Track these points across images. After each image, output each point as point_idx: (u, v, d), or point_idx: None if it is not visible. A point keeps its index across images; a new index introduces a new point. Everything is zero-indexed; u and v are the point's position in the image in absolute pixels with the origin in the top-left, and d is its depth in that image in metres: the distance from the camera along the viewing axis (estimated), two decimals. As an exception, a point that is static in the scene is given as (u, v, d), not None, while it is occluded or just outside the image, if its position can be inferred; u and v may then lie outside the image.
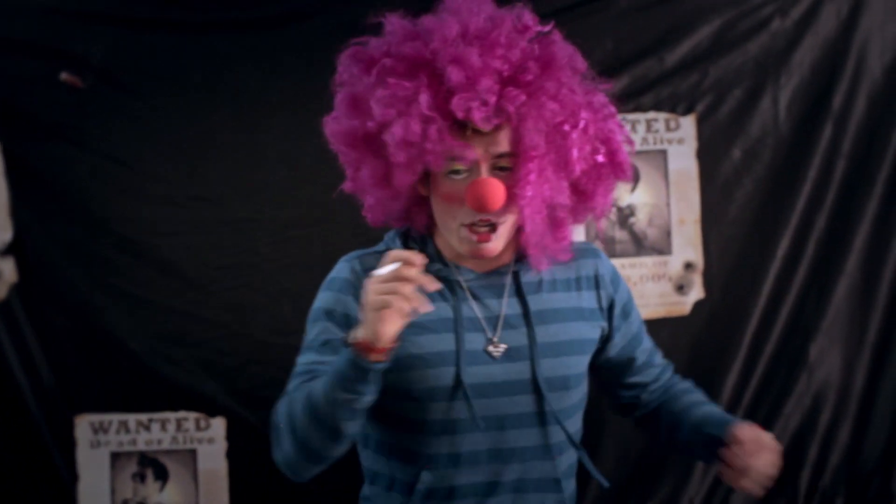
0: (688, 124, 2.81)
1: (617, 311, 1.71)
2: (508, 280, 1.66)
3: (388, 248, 1.70)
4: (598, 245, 2.75)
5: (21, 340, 2.78)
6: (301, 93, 2.74)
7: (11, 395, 2.77)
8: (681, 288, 2.82)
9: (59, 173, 2.79)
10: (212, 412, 2.80)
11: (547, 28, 1.62)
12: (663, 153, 2.81)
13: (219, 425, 2.79)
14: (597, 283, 1.69)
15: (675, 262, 2.81)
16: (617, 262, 2.79)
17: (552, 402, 1.61)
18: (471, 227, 1.57)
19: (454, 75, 1.51)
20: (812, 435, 2.83)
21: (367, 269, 1.63)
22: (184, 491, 2.78)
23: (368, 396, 1.51)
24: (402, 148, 1.53)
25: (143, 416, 2.78)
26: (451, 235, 1.60)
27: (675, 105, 2.82)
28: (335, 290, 1.68)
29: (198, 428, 2.79)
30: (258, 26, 2.81)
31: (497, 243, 1.58)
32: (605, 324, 1.70)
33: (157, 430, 2.78)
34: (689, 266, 2.82)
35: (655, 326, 2.78)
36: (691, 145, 2.81)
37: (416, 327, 1.60)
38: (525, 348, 1.61)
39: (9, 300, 2.78)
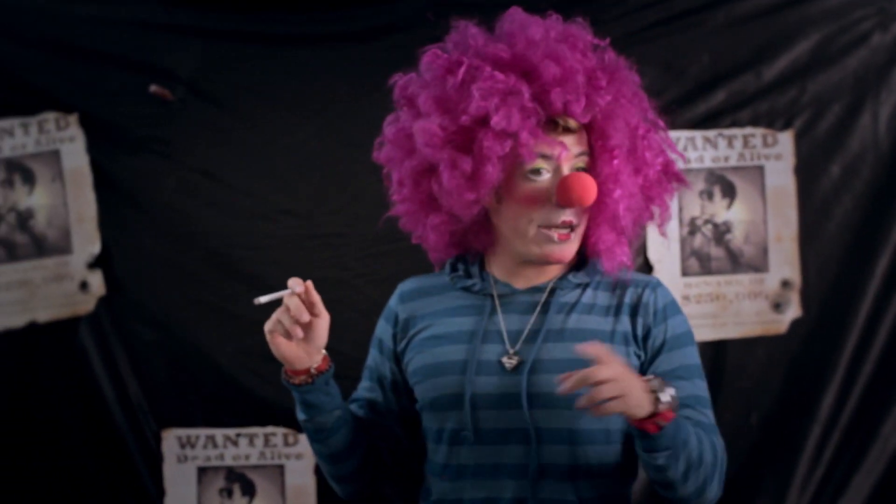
0: (785, 140, 2.76)
1: (652, 343, 1.64)
2: (543, 296, 1.66)
3: (441, 273, 1.77)
4: (694, 263, 2.76)
5: (109, 354, 2.78)
6: (389, 107, 2.71)
7: (99, 408, 2.77)
8: (778, 306, 2.76)
9: (147, 186, 2.78)
10: (300, 428, 2.74)
11: (605, 42, 1.69)
12: (760, 169, 2.76)
13: (305, 441, 2.75)
14: (635, 309, 1.65)
15: (771, 280, 2.76)
16: (713, 280, 2.76)
17: (539, 419, 1.57)
18: (549, 227, 1.57)
19: (550, 70, 1.54)
20: (912, 458, 2.78)
21: (403, 292, 1.78)
22: (271, 506, 2.76)
23: (319, 417, 1.65)
24: (501, 140, 1.54)
25: (231, 431, 2.76)
26: (524, 242, 1.60)
27: (773, 121, 2.76)
28: (384, 316, 1.80)
29: (286, 443, 2.76)
30: (346, 40, 2.78)
31: (573, 246, 1.60)
32: (640, 352, 1.64)
33: (244, 446, 2.75)
34: (786, 284, 2.76)
35: (751, 345, 2.77)
36: (789, 161, 2.76)
37: (438, 339, 1.67)
38: (534, 362, 1.59)
39: (97, 313, 2.78)
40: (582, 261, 1.69)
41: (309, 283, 1.57)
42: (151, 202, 2.77)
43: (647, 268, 2.75)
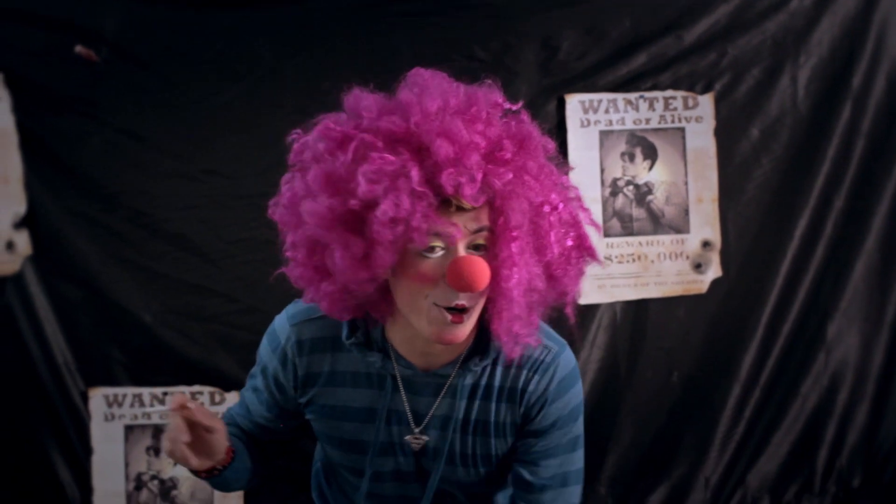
0: (706, 103, 2.79)
1: (529, 428, 1.65)
2: (448, 381, 1.62)
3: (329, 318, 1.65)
4: (616, 224, 2.79)
5: (35, 313, 2.77)
6: (313, 69, 2.73)
7: (26, 368, 2.76)
8: (698, 266, 2.80)
9: (73, 147, 2.77)
10: (226, 386, 2.78)
11: (517, 106, 1.55)
12: (681, 131, 2.80)
13: (233, 399, 2.77)
14: (522, 397, 1.63)
15: (692, 241, 2.80)
16: (634, 240, 2.80)
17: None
18: (445, 308, 1.50)
19: (443, 150, 1.44)
20: (829, 415, 2.83)
21: (300, 341, 1.66)
22: (197, 466, 2.77)
23: (227, 487, 1.68)
24: (390, 226, 1.44)
25: (158, 390, 2.77)
26: (419, 318, 1.52)
27: (694, 83, 2.80)
28: (272, 348, 1.70)
29: (212, 402, 2.78)
30: (272, 2, 2.79)
31: (466, 328, 1.52)
32: (512, 439, 1.67)
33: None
34: (706, 244, 2.80)
35: (672, 304, 2.82)
36: (709, 124, 2.80)
37: (339, 411, 1.66)
38: (441, 452, 1.64)
39: (23, 273, 2.77)
40: (482, 337, 1.63)
41: (191, 402, 1.49)
42: (77, 163, 2.77)
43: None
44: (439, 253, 1.47)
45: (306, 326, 1.67)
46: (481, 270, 1.45)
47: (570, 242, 1.55)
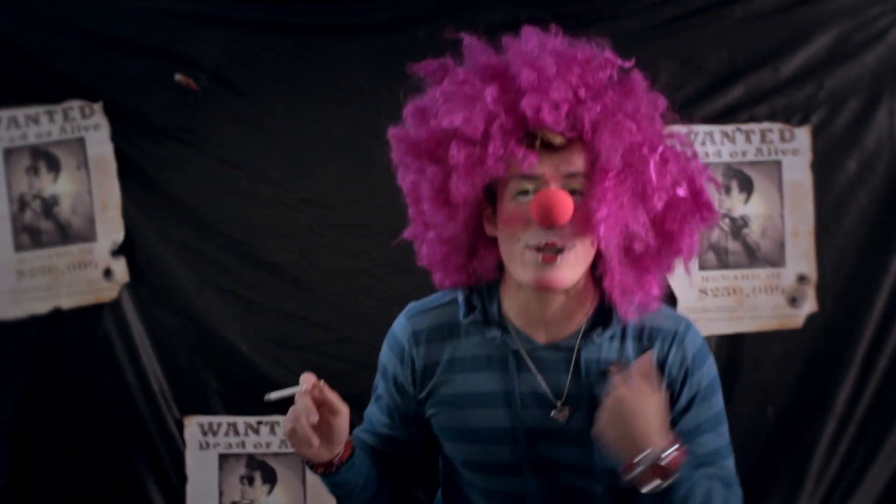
0: (803, 135, 2.78)
1: (679, 402, 1.61)
2: (573, 354, 1.58)
3: (450, 301, 1.67)
4: (711, 257, 2.78)
5: (131, 341, 2.79)
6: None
7: (122, 395, 2.78)
8: (794, 300, 2.79)
9: (171, 174, 2.79)
10: (320, 416, 2.78)
11: (628, 63, 1.56)
12: (778, 164, 2.79)
13: (326, 430, 2.78)
14: (661, 369, 1.60)
15: (788, 275, 2.78)
16: (730, 274, 2.78)
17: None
18: (535, 249, 1.49)
19: (526, 76, 1.45)
20: (928, 450, 2.80)
21: (416, 331, 1.67)
22: (292, 493, 2.77)
23: (345, 490, 1.64)
24: (463, 147, 1.46)
25: (252, 419, 2.78)
26: (515, 264, 1.52)
27: (790, 116, 2.79)
28: (389, 347, 1.73)
29: (306, 432, 2.78)
30: (370, 31, 2.80)
31: (564, 272, 1.49)
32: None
33: (266, 433, 2.77)
34: (802, 278, 2.79)
35: (767, 339, 2.79)
36: (806, 156, 2.78)
37: (465, 399, 1.61)
38: (586, 433, 1.55)
39: (120, 300, 2.79)
40: (604, 308, 1.61)
41: (322, 382, 1.53)
42: (175, 190, 2.79)
43: (664, 261, 2.77)
44: (531, 196, 1.47)
45: (422, 317, 1.69)
46: (561, 201, 1.43)
47: (681, 193, 1.52)
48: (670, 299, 2.75)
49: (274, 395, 1.54)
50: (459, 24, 1.80)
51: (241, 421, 2.78)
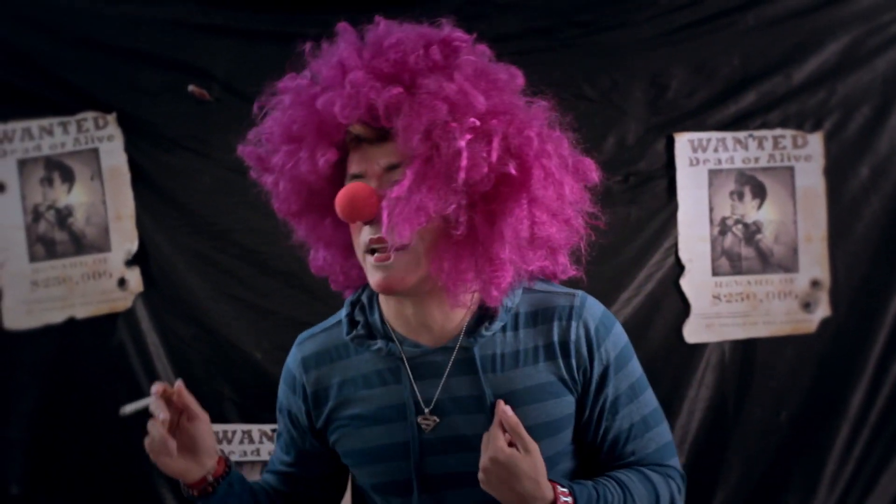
0: (815, 141, 2.79)
1: (591, 378, 1.51)
2: (461, 355, 1.50)
3: (338, 321, 1.63)
4: (724, 263, 2.78)
5: (146, 350, 2.80)
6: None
7: (136, 404, 2.78)
8: (807, 305, 2.79)
9: (184, 184, 2.80)
10: (334, 425, 2.79)
11: (465, 38, 1.48)
12: (790, 170, 2.79)
13: (341, 438, 2.78)
14: (565, 349, 1.50)
15: (801, 280, 2.79)
16: (743, 279, 2.79)
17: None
18: (370, 252, 1.44)
19: (325, 74, 1.44)
20: (942, 456, 2.81)
21: (305, 357, 1.63)
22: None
23: None
24: (286, 153, 1.49)
25: (267, 427, 2.78)
26: (366, 271, 1.47)
27: (803, 122, 2.79)
28: (283, 380, 1.68)
29: (320, 440, 2.78)
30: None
31: (402, 272, 1.42)
32: (576, 392, 1.52)
33: (280, 442, 2.78)
34: (815, 283, 2.79)
35: (781, 344, 2.80)
36: (819, 162, 2.79)
37: (362, 419, 1.53)
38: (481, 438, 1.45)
39: (134, 309, 2.80)
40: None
41: (178, 384, 1.46)
42: (188, 200, 2.80)
43: (678, 268, 2.77)
44: None
45: (310, 343, 1.65)
46: (355, 192, 1.39)
47: (511, 170, 1.39)
48: (683, 305, 2.77)
49: (129, 408, 1.47)
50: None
51: (255, 429, 2.79)
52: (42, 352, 2.81)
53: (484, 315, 1.51)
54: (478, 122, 1.38)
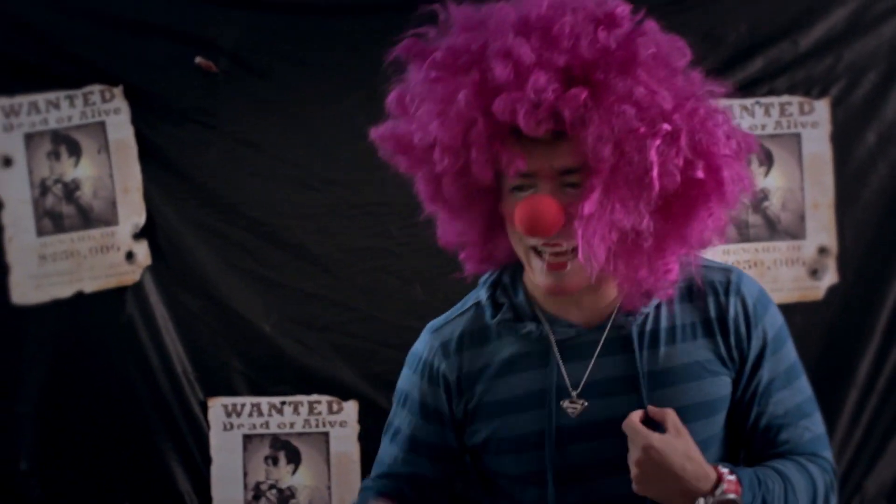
0: (822, 108, 2.79)
1: (750, 357, 1.45)
2: (613, 334, 1.43)
3: (474, 305, 1.54)
4: (731, 230, 2.77)
5: (154, 323, 2.80)
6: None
7: (145, 377, 2.78)
8: (815, 272, 2.79)
9: (192, 157, 2.80)
10: (344, 395, 2.79)
11: (638, 17, 1.37)
12: (797, 137, 2.79)
13: (351, 408, 2.78)
14: (723, 325, 1.44)
15: (808, 247, 2.79)
16: (750, 247, 2.79)
17: None
18: (538, 253, 1.38)
19: (499, 71, 1.30)
20: (949, 421, 2.81)
21: (444, 343, 1.52)
22: (316, 473, 2.78)
23: None
24: (446, 154, 1.35)
25: (276, 399, 2.78)
26: (525, 263, 1.41)
27: (810, 88, 2.79)
28: (412, 369, 1.56)
29: (330, 411, 2.78)
30: (389, 8, 2.79)
31: (577, 277, 1.36)
32: (733, 373, 1.45)
33: (289, 413, 2.78)
34: (823, 250, 2.79)
35: (789, 311, 2.77)
36: (825, 129, 2.79)
37: (505, 405, 1.46)
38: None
39: (142, 283, 2.80)
40: None
41: None
42: (196, 173, 2.79)
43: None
44: (528, 192, 1.35)
45: (447, 328, 1.54)
46: (544, 211, 1.30)
47: (699, 174, 1.31)
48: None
49: None
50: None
51: (264, 401, 2.79)
52: (50, 326, 2.81)
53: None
54: (668, 127, 1.30)
